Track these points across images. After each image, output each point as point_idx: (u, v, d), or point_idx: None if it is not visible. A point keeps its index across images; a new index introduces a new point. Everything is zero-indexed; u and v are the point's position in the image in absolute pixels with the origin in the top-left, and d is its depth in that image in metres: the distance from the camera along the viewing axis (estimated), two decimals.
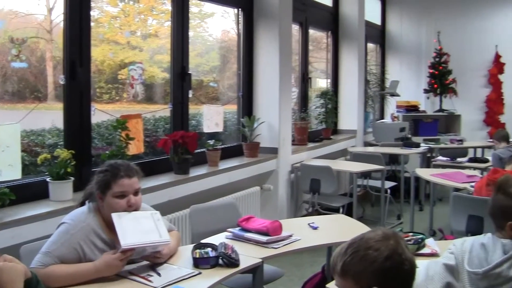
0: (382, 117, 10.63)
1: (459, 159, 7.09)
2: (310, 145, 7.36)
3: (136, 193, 2.94)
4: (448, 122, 10.27)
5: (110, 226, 2.85)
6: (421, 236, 3.29)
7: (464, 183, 5.41)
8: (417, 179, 6.97)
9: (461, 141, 8.64)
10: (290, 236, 3.46)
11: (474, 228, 4.40)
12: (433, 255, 3.11)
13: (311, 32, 8.45)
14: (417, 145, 8.02)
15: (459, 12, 10.80)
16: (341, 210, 6.34)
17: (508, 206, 2.45)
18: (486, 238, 2.48)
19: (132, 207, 2.89)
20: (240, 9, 6.30)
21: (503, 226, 2.44)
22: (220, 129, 5.79)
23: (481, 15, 10.71)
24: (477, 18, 10.72)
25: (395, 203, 7.83)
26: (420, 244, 3.21)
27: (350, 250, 1.76)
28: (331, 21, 8.73)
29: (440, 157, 7.45)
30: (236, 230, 3.54)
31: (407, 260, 1.76)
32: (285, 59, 6.40)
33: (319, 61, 8.87)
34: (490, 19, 10.66)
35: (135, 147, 4.51)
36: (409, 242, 3.19)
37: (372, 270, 1.71)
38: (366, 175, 7.07)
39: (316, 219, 3.97)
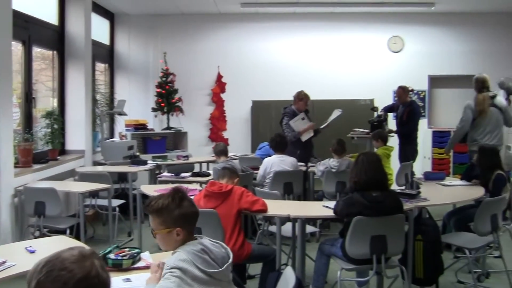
0: (111, 136, 10.69)
1: (183, 174, 7.39)
2: (36, 166, 7.14)
3: None
4: (175, 139, 10.71)
5: None
6: (136, 250, 3.44)
7: None
8: (145, 195, 7.12)
9: (187, 157, 9.06)
10: (4, 262, 3.35)
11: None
12: (148, 267, 3.27)
13: (43, 50, 8.25)
14: (145, 163, 8.23)
15: (184, 34, 11.33)
16: (68, 231, 6.24)
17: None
18: (201, 243, 2.71)
19: None
20: None
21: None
22: None
23: (205, 38, 11.36)
24: (201, 40, 11.35)
25: (124, 220, 7.94)
26: (135, 258, 3.35)
27: (45, 268, 1.72)
28: (57, 40, 8.59)
29: (165, 173, 7.71)
30: None
31: (100, 284, 1.76)
32: (4, 79, 6.14)
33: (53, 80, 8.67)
34: (213, 41, 11.36)
35: None
36: (125, 257, 3.32)
37: None
38: (94, 194, 7.05)
39: (35, 243, 3.89)
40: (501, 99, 8.06)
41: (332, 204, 4.94)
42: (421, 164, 10.48)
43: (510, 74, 11.46)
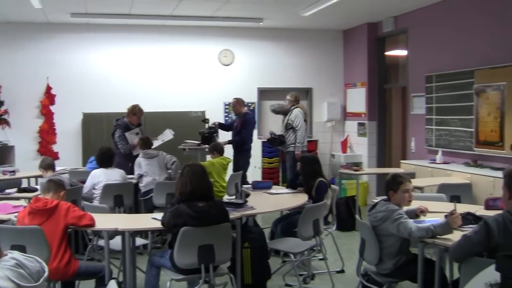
0: None
1: (8, 190, 7.07)
2: None
3: None
4: (1, 154, 10.24)
5: None
6: None
7: (8, 214, 5.45)
8: None
9: (13, 172, 8.67)
10: None
11: None
12: None
13: None
14: None
15: (10, 43, 10.81)
16: None
17: None
18: (14, 258, 2.61)
19: None
20: None
21: None
22: None
23: (33, 48, 10.92)
24: (29, 51, 10.90)
25: None
26: None
27: None
28: None
29: None
30: None
31: None
32: None
33: None
34: (42, 52, 10.95)
35: None
36: None
37: None
38: None
39: None
40: None
41: (160, 215, 4.99)
42: (252, 174, 10.82)
43: (333, 87, 12.31)
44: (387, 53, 11.56)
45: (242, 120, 9.55)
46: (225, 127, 10.03)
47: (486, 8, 8.31)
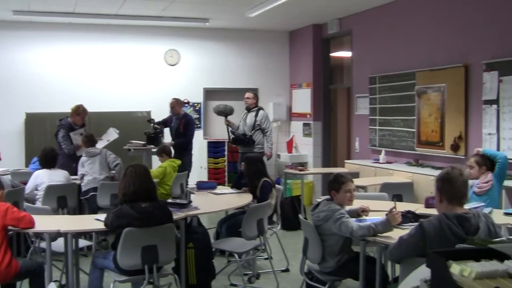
0: None
1: None
2: None
3: None
4: None
5: None
6: None
7: None
8: None
9: None
10: None
11: None
12: None
13: None
14: None
15: None
16: None
17: None
18: None
19: None
20: None
21: None
22: None
23: None
24: None
25: None
26: None
27: None
28: None
29: None
30: None
31: None
32: None
33: None
34: None
35: None
36: None
37: None
38: None
39: None
40: None
41: (104, 216, 4.93)
42: (198, 174, 10.81)
43: (279, 88, 12.39)
44: (332, 54, 11.70)
45: (184, 121, 9.52)
46: (161, 123, 9.93)
47: (428, 11, 8.50)
